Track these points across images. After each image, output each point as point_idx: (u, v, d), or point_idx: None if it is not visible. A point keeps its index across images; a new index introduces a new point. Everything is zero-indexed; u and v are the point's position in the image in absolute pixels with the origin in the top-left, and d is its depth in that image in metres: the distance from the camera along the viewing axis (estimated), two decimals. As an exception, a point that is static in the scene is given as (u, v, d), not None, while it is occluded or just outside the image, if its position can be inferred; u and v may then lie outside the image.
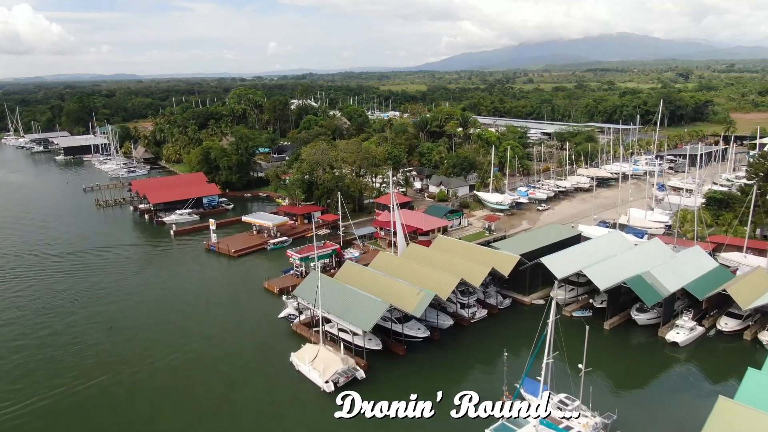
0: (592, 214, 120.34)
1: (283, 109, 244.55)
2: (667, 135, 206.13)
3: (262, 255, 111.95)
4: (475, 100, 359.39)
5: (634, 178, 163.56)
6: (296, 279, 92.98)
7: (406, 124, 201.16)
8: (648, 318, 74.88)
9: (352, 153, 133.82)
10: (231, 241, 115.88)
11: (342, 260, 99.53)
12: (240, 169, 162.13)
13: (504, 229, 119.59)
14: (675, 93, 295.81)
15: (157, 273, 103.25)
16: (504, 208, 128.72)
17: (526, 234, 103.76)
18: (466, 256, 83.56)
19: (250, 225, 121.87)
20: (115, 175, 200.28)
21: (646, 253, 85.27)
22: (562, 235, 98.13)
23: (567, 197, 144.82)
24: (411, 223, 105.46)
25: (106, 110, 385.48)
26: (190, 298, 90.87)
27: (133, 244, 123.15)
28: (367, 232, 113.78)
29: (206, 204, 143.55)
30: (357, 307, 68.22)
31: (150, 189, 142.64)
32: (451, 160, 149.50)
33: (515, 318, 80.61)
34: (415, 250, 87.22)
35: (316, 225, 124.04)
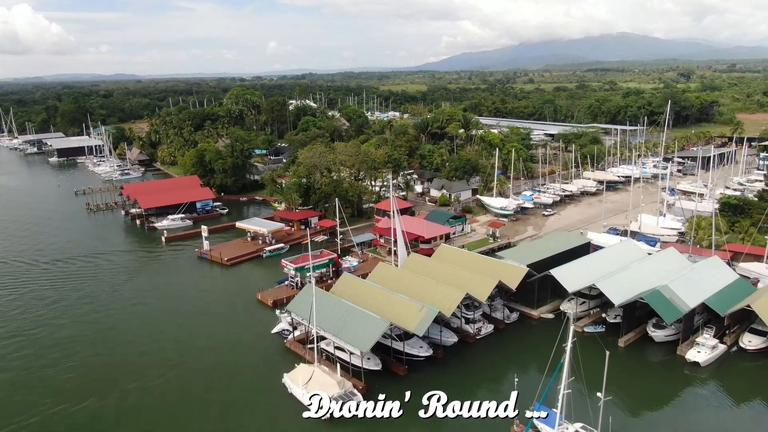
0: (602, 221, 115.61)
1: (281, 110, 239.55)
2: (675, 136, 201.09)
3: (256, 263, 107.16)
4: (476, 100, 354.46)
5: (641, 182, 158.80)
6: (291, 290, 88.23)
7: (406, 125, 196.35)
8: (666, 335, 70.08)
9: (350, 156, 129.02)
10: (224, 248, 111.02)
11: (339, 270, 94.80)
12: (235, 172, 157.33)
13: (509, 235, 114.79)
14: (680, 93, 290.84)
15: (146, 283, 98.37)
16: (508, 213, 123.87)
17: (533, 242, 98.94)
18: (471, 268, 78.75)
19: (245, 231, 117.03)
20: (108, 177, 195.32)
21: (662, 263, 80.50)
22: (570, 244, 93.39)
23: (573, 201, 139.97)
24: (412, 230, 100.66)
25: (103, 111, 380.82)
26: (178, 311, 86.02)
27: (124, 251, 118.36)
28: (366, 239, 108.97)
29: (200, 209, 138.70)
30: (354, 324, 63.41)
31: (141, 193, 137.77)
32: (453, 162, 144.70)
33: (523, 333, 75.84)
34: (417, 260, 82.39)
35: (313, 231, 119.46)
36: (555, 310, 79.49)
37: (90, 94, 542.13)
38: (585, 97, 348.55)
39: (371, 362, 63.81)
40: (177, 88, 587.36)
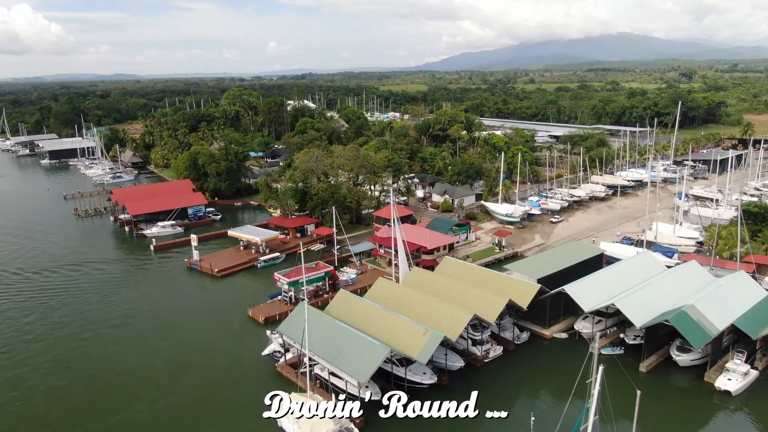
0: (615, 230, 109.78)
1: (278, 111, 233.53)
2: (683, 138, 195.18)
3: (249, 274, 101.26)
4: (478, 100, 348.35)
5: (651, 186, 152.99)
6: (284, 306, 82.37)
7: (406, 127, 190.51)
8: (691, 359, 64.17)
9: (349, 160, 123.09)
10: (215, 258, 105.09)
11: (336, 283, 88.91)
12: (229, 176, 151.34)
13: (515, 244, 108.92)
14: (685, 94, 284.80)
15: (131, 296, 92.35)
16: (515, 220, 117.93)
17: (542, 253, 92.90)
18: (478, 284, 72.87)
19: (238, 239, 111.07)
20: (99, 180, 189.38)
21: (684, 278, 74.64)
22: (582, 255, 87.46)
23: (581, 207, 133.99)
24: (413, 240, 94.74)
25: (99, 111, 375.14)
26: (163, 328, 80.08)
27: (110, 260, 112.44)
28: (365, 248, 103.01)
29: (191, 215, 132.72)
30: (351, 351, 57.50)
31: (130, 198, 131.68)
32: (456, 166, 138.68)
33: (536, 355, 69.93)
34: (419, 275, 76.44)
35: (309, 239, 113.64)
36: (569, 329, 73.60)
37: (87, 94, 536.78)
38: (588, 97, 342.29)
39: (370, 391, 57.93)
40: (175, 89, 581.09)
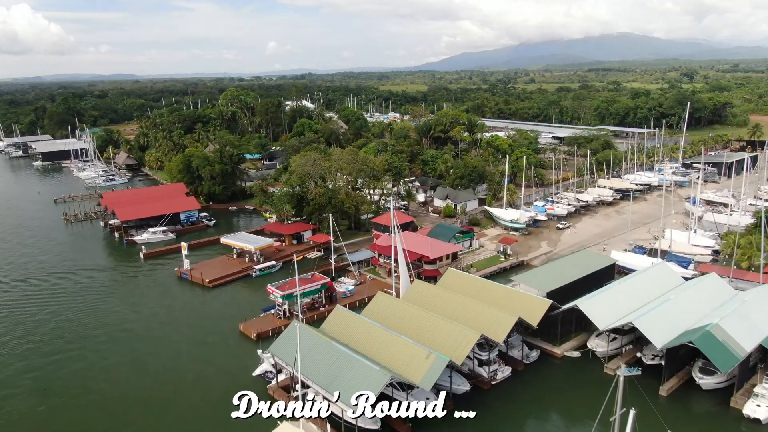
0: (625, 236, 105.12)
1: (275, 112, 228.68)
2: (691, 140, 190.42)
3: (243, 284, 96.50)
4: (479, 101, 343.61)
5: (664, 190, 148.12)
6: (278, 320, 77.63)
7: (407, 128, 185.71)
8: (716, 382, 59.37)
9: (347, 163, 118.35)
10: (207, 267, 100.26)
11: (333, 295, 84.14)
12: (224, 180, 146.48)
13: (521, 252, 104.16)
14: (690, 94, 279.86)
15: (117, 309, 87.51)
16: (520, 226, 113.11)
17: (551, 264, 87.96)
18: (484, 299, 68.08)
19: (231, 247, 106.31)
20: (91, 183, 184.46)
21: (704, 292, 69.88)
22: (593, 266, 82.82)
23: (589, 212, 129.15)
24: (415, 249, 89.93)
25: (96, 112, 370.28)
26: (148, 344, 75.31)
27: (98, 268, 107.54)
28: (364, 257, 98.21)
29: (184, 220, 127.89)
30: (348, 376, 52.71)
31: (120, 203, 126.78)
32: (458, 170, 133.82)
33: (547, 376, 65.11)
34: (421, 289, 71.63)
35: (306, 247, 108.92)
36: (581, 346, 68.80)
37: (84, 94, 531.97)
38: (590, 97, 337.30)
39: (368, 420, 53.17)
40: (174, 89, 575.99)
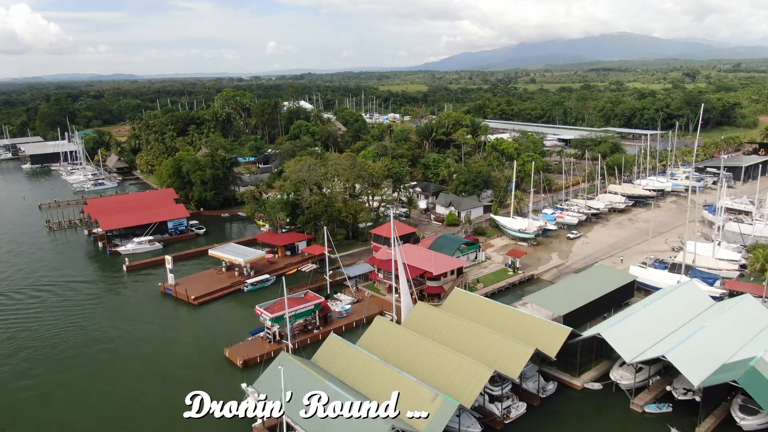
0: (641, 247, 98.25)
1: (271, 113, 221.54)
2: (703, 142, 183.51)
3: (233, 300, 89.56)
4: (480, 101, 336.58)
5: (672, 195, 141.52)
6: (267, 345, 70.69)
7: (407, 130, 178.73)
8: (759, 423, 52.51)
9: (345, 169, 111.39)
10: (193, 282, 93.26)
11: (328, 316, 77.21)
12: (216, 185, 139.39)
13: (530, 264, 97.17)
14: (698, 95, 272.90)
15: (93, 329, 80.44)
16: (529, 236, 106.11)
17: (565, 282, 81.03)
18: (496, 325, 61.16)
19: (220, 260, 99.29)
20: (79, 188, 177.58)
21: (740, 317, 62.95)
22: (612, 283, 76.06)
23: (600, 221, 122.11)
24: (417, 264, 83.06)
25: (90, 113, 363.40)
26: (123, 373, 68.25)
27: (78, 281, 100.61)
28: (362, 271, 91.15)
29: (172, 229, 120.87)
30: (341, 424, 45.70)
31: (104, 211, 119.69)
32: (462, 175, 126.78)
33: (565, 411, 58.13)
34: (424, 313, 64.57)
35: (300, 259, 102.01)
36: (603, 377, 61.82)
37: (80, 94, 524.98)
38: (593, 98, 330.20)
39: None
40: (171, 89, 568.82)
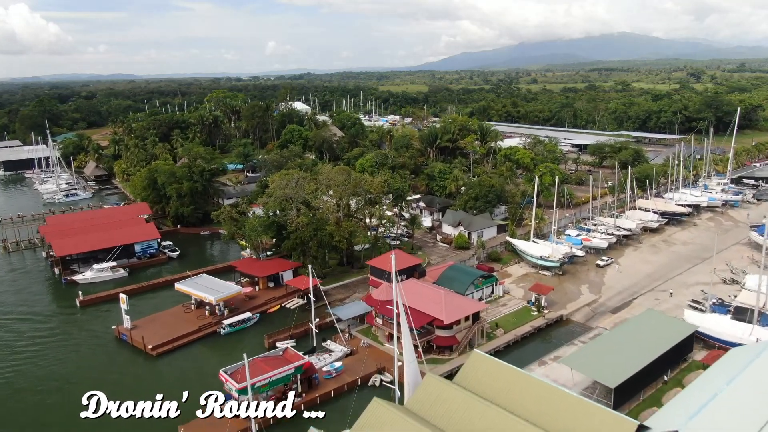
0: (685, 278, 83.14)
1: (262, 116, 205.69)
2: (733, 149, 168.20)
3: (204, 347, 74.42)
4: (484, 103, 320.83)
5: (707, 211, 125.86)
6: (235, 422, 54.92)
7: (409, 136, 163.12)
8: None
9: (338, 185, 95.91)
10: (154, 324, 77.71)
11: (314, 378, 61.70)
12: (194, 199, 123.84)
13: (557, 301, 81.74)
14: (715, 96, 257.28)
15: (23, 389, 65.10)
16: (553, 265, 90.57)
17: (610, 334, 65.22)
18: (533, 411, 45.50)
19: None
20: (50, 199, 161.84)
21: None
22: (669, 337, 60.95)
23: (631, 243, 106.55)
24: (424, 308, 67.64)
25: (77, 114, 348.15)
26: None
27: (22, 319, 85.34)
28: (357, 312, 75.73)
29: (140, 252, 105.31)
30: None
31: (61, 232, 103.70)
32: (473, 189, 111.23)
33: None
34: (435, 392, 48.58)
35: (285, 293, 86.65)
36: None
37: (72, 95, 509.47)
38: (602, 99, 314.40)
39: None
40: (167, 89, 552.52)
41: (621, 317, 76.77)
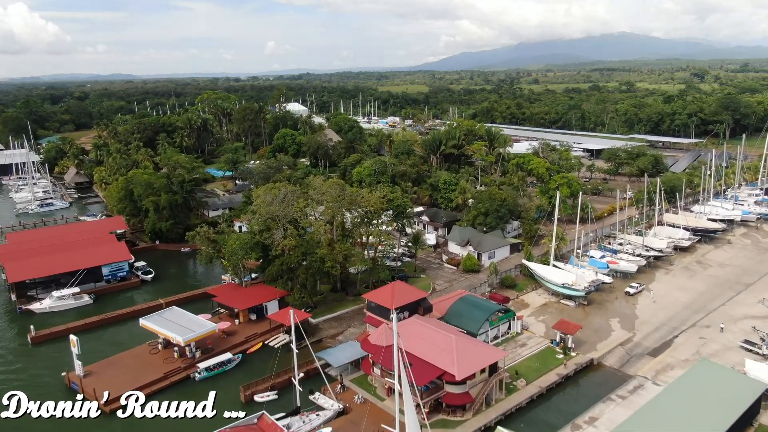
0: (729, 309, 71.48)
1: (254, 119, 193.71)
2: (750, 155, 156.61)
3: (172, 398, 62.08)
4: (486, 104, 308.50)
5: (739, 226, 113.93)
6: None
7: (410, 141, 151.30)
8: None
9: (331, 202, 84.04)
10: (111, 369, 65.87)
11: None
12: (174, 213, 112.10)
13: (585, 340, 69.92)
14: (728, 96, 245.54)
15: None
16: (578, 294, 78.76)
17: (662, 397, 53.27)
18: None
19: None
20: (23, 209, 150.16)
21: None
22: (734, 400, 49.34)
23: (661, 264, 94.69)
24: (431, 359, 55.88)
25: (67, 116, 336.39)
26: None
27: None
28: (350, 357, 63.90)
29: (108, 275, 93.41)
30: None
31: (17, 253, 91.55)
32: (483, 204, 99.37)
33: None
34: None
35: (268, 329, 74.95)
36: None
37: (65, 95, 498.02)
38: (606, 100, 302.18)
39: None
40: (163, 89, 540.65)
41: (663, 362, 65.14)
